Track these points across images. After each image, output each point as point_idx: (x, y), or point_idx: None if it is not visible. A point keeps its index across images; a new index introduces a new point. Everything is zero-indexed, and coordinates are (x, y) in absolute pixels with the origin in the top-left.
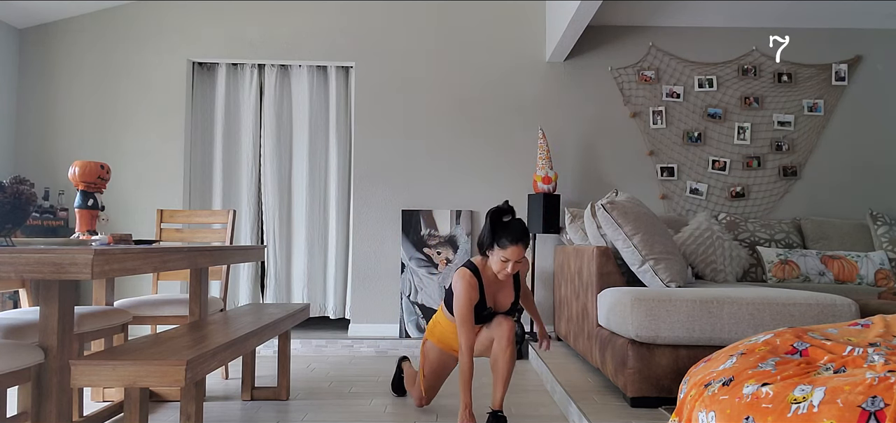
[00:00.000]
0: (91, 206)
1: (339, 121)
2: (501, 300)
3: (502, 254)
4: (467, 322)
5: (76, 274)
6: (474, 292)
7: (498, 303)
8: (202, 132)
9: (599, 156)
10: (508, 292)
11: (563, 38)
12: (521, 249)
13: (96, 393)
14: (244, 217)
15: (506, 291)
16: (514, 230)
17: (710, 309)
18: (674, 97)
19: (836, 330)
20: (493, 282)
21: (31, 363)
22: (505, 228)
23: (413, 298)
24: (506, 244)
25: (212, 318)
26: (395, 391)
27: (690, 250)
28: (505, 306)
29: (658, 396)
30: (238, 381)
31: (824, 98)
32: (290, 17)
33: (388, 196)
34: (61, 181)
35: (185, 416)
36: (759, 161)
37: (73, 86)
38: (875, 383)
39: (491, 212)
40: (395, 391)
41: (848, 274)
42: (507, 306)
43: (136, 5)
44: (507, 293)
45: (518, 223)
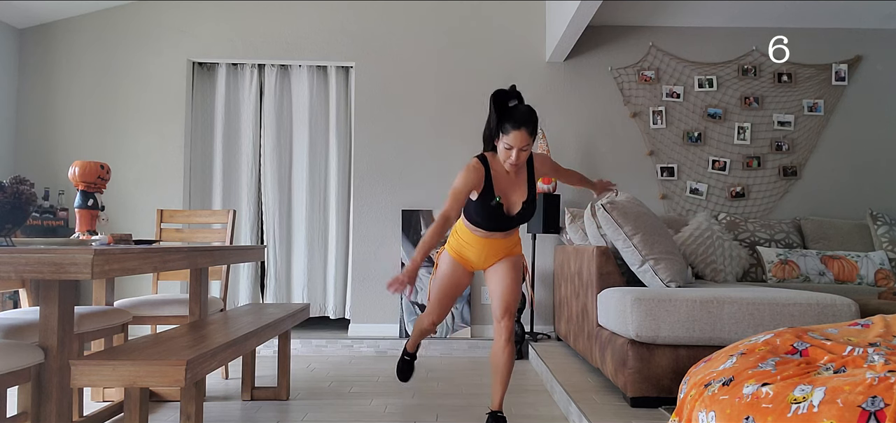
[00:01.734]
0: (91, 206)
1: (339, 121)
2: (513, 197)
3: (505, 140)
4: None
5: (76, 274)
6: (476, 176)
7: (509, 200)
8: (202, 132)
9: (599, 156)
10: (521, 189)
11: (563, 38)
12: (524, 134)
13: (96, 393)
14: (244, 217)
15: (518, 188)
16: (517, 114)
17: (710, 309)
18: (674, 97)
19: (836, 330)
20: (503, 176)
21: (31, 362)
22: (509, 113)
23: (413, 298)
24: (508, 129)
25: (212, 318)
26: (400, 376)
27: (690, 250)
28: (516, 203)
29: (658, 396)
30: (238, 381)
31: (824, 98)
32: (290, 17)
33: (388, 196)
34: (61, 181)
35: (185, 416)
36: (759, 161)
37: (73, 86)
38: (875, 383)
39: (494, 94)
40: (399, 376)
41: (848, 274)
42: (519, 205)
43: (136, 5)
44: (520, 191)
45: (524, 108)
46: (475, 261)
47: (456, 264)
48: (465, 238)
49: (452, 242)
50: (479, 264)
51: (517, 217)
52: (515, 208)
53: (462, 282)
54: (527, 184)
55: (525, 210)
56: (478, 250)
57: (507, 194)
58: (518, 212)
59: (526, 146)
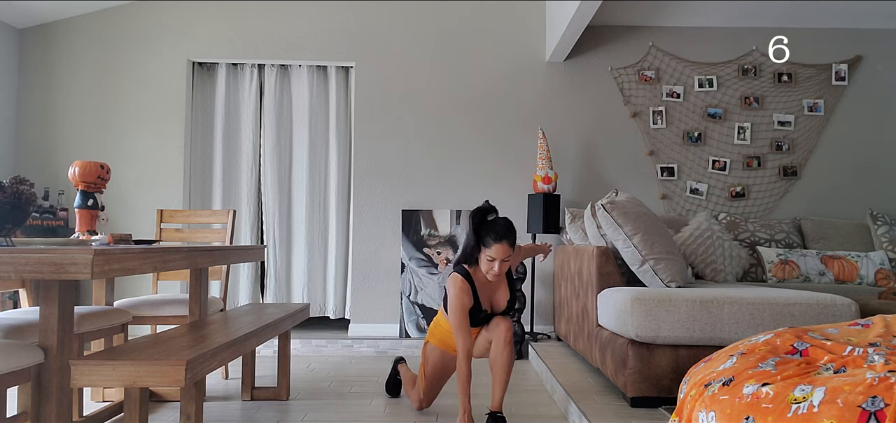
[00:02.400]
0: (91, 206)
1: (339, 121)
2: (497, 301)
3: (487, 253)
4: (463, 328)
5: (76, 274)
6: (467, 296)
7: (494, 304)
8: (202, 132)
9: (599, 156)
10: (503, 291)
11: (563, 39)
12: (506, 247)
13: (96, 393)
14: (244, 217)
15: (501, 291)
16: (497, 228)
17: (710, 309)
18: (674, 97)
19: (836, 330)
20: (486, 284)
21: (31, 363)
22: (488, 226)
23: (413, 298)
24: (490, 243)
25: (212, 318)
26: (389, 393)
27: (690, 250)
28: (501, 306)
29: (658, 396)
30: (238, 381)
31: (824, 98)
32: (290, 17)
33: (388, 196)
34: (61, 181)
35: (185, 416)
36: (759, 161)
37: (73, 86)
38: (875, 383)
39: (473, 213)
40: (388, 392)
41: (848, 274)
42: (504, 305)
43: (136, 5)
44: (503, 293)
45: (502, 221)
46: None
47: (444, 352)
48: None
49: (437, 333)
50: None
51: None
52: (500, 309)
53: (451, 366)
54: (508, 285)
55: (508, 307)
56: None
57: (492, 299)
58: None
59: (507, 258)
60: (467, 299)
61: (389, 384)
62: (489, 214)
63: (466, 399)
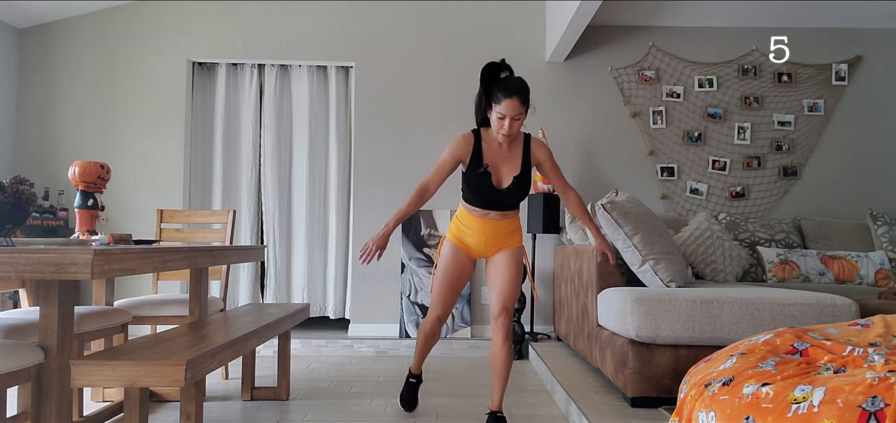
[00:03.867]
0: (91, 206)
1: (339, 121)
2: (503, 170)
3: (498, 110)
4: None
5: (76, 274)
6: (463, 149)
7: (499, 172)
8: (202, 132)
9: (599, 156)
10: (512, 164)
11: (563, 38)
12: (517, 102)
13: (96, 393)
14: (244, 217)
15: (509, 162)
16: (508, 83)
17: (710, 309)
18: (674, 97)
19: (836, 330)
20: (495, 150)
21: (31, 363)
22: (500, 83)
23: (413, 298)
24: (500, 98)
25: (212, 318)
26: (404, 405)
27: (690, 250)
28: (507, 177)
29: (658, 396)
30: (238, 381)
31: (824, 98)
32: (290, 17)
33: (388, 196)
34: (61, 181)
35: (185, 416)
36: (759, 161)
37: (73, 86)
38: (875, 383)
39: (485, 67)
40: (403, 404)
41: (848, 274)
42: (510, 179)
43: (136, 5)
44: (511, 166)
45: (515, 78)
46: (475, 246)
47: (457, 249)
48: (463, 221)
49: (452, 228)
50: (480, 249)
51: (508, 192)
52: (505, 182)
53: (465, 269)
54: (520, 161)
55: (516, 186)
56: (476, 232)
57: (498, 167)
58: (509, 186)
59: (518, 115)
60: (462, 145)
61: (405, 396)
62: (502, 70)
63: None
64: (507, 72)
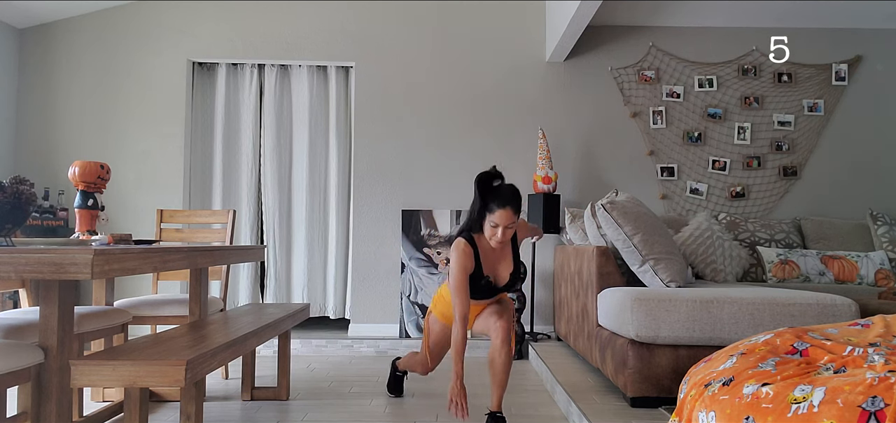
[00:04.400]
0: (91, 206)
1: (339, 121)
2: (500, 271)
3: (492, 219)
4: (461, 291)
5: (76, 274)
6: (469, 260)
7: (497, 274)
8: (202, 132)
9: (599, 156)
10: (507, 262)
11: (563, 38)
12: (510, 212)
13: (96, 393)
14: (244, 217)
15: (504, 261)
16: (502, 194)
17: (710, 309)
18: (674, 97)
19: (836, 330)
20: (490, 252)
21: (31, 363)
22: (494, 192)
23: (413, 298)
24: (494, 209)
25: (212, 318)
26: (393, 392)
27: (690, 250)
28: (504, 276)
29: (658, 396)
30: (238, 381)
31: (824, 98)
32: (290, 17)
33: (388, 196)
34: (61, 181)
35: (185, 416)
36: (759, 161)
37: (73, 86)
38: (875, 383)
39: (478, 178)
40: (391, 392)
41: (848, 274)
42: (506, 277)
43: (136, 5)
44: (506, 264)
45: (507, 187)
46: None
47: (445, 325)
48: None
49: (440, 306)
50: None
51: (506, 286)
52: (503, 280)
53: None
54: (512, 255)
55: (512, 279)
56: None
57: (495, 269)
58: (507, 283)
59: (511, 224)
60: (469, 262)
61: (391, 383)
62: (495, 179)
63: (460, 365)
64: (499, 179)
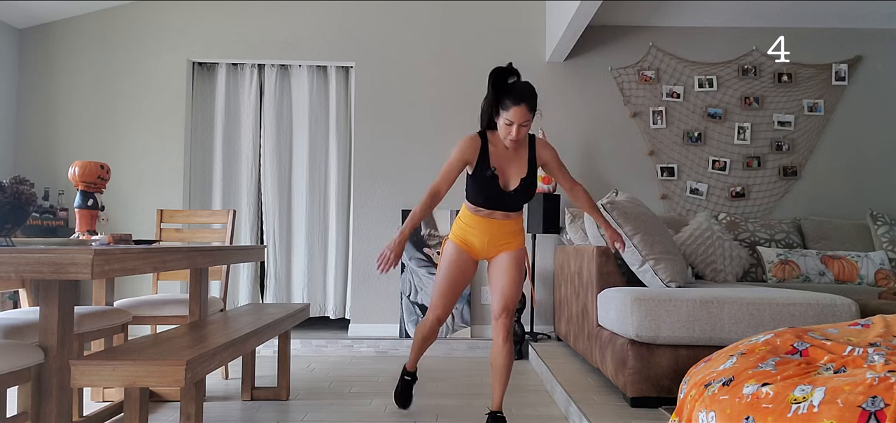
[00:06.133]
0: (91, 206)
1: (339, 121)
2: (510, 173)
3: (505, 116)
4: (445, 170)
5: (76, 274)
6: (470, 151)
7: (505, 175)
8: (202, 132)
9: (599, 156)
10: (519, 166)
11: (563, 38)
12: (524, 109)
13: (96, 393)
14: (244, 217)
15: (516, 165)
16: (517, 90)
17: (710, 309)
18: (674, 97)
19: (837, 330)
20: (502, 152)
21: (31, 363)
22: (508, 88)
23: (413, 298)
24: (508, 105)
25: (212, 318)
26: (399, 402)
27: (690, 250)
28: (513, 179)
29: (658, 396)
30: (238, 381)
31: (824, 98)
32: (290, 17)
33: (388, 196)
34: (61, 181)
35: (185, 416)
36: (759, 161)
37: (74, 86)
38: (875, 383)
39: (493, 72)
40: (398, 402)
41: (848, 274)
42: (517, 181)
43: (136, 5)
44: (518, 168)
45: (523, 83)
46: (478, 246)
47: (460, 250)
48: (467, 221)
49: (456, 228)
50: (483, 249)
51: (515, 194)
52: (512, 184)
53: (467, 270)
54: (527, 163)
55: (523, 187)
56: (480, 232)
57: (504, 169)
58: (516, 189)
59: (526, 122)
60: (469, 153)
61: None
62: (510, 76)
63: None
64: (515, 76)
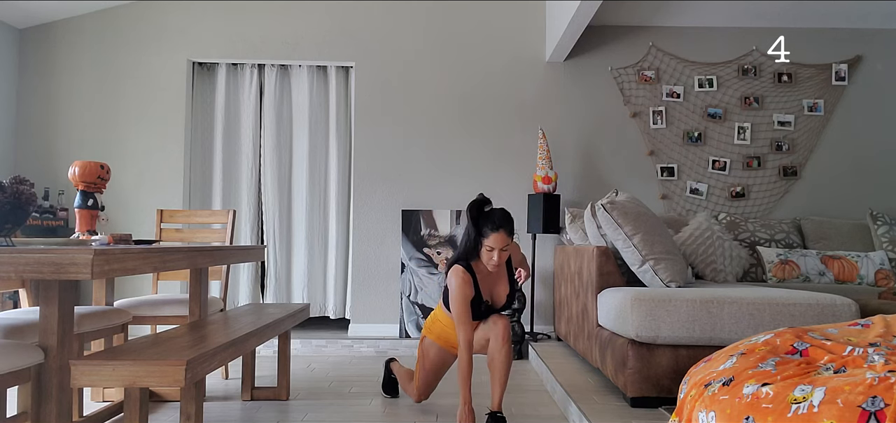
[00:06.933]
0: (91, 206)
1: (339, 121)
2: (497, 293)
3: (487, 243)
4: (464, 319)
5: (76, 274)
6: (469, 287)
7: (494, 296)
8: (202, 132)
9: (599, 156)
10: (503, 284)
11: (563, 38)
12: (503, 235)
13: (96, 393)
14: (244, 217)
15: (501, 284)
16: (494, 218)
17: (710, 309)
18: (674, 97)
19: (837, 330)
20: (487, 276)
21: (31, 363)
22: (486, 217)
23: (413, 298)
24: (488, 233)
25: (212, 318)
26: (387, 393)
27: (690, 250)
28: (501, 298)
29: (658, 396)
30: (238, 381)
31: (824, 98)
32: (290, 17)
33: (388, 196)
34: (61, 181)
35: (185, 416)
36: (759, 161)
37: (74, 86)
38: (875, 383)
39: (470, 206)
40: (386, 392)
41: (848, 274)
42: (504, 298)
43: (136, 5)
44: (503, 286)
45: (498, 211)
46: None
47: (441, 349)
48: (449, 326)
49: (436, 329)
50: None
51: (503, 307)
52: (500, 303)
53: (449, 361)
54: (508, 277)
55: (509, 299)
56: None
57: (492, 291)
58: (504, 304)
59: (506, 247)
60: (469, 289)
61: (386, 384)
62: (485, 205)
63: (467, 391)
64: (489, 205)
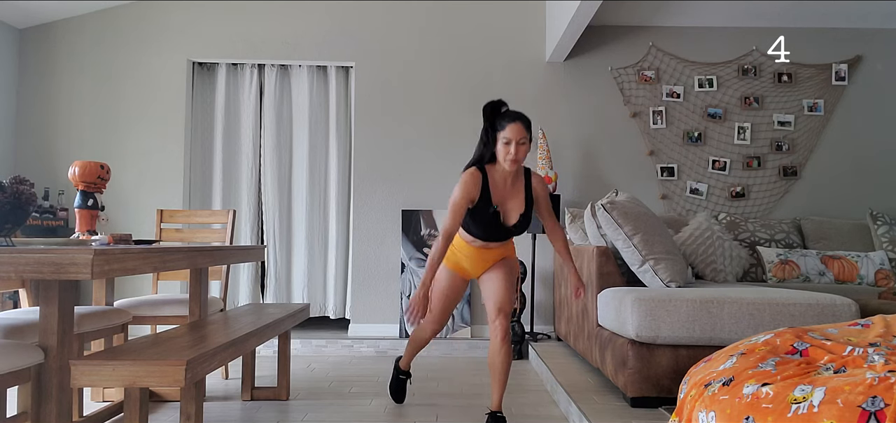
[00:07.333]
0: (91, 206)
1: (339, 121)
2: (509, 207)
3: (503, 135)
4: (455, 211)
5: (76, 274)
6: (475, 187)
7: (506, 210)
8: (202, 132)
9: (599, 156)
10: (518, 201)
11: (563, 38)
12: (520, 126)
13: (96, 393)
14: (244, 217)
15: (515, 198)
16: (510, 112)
17: (710, 309)
18: (674, 97)
19: (837, 330)
20: (501, 186)
21: (31, 363)
22: (502, 113)
23: None
24: (504, 124)
25: (212, 318)
26: (394, 396)
27: (690, 250)
28: (513, 214)
29: (658, 396)
30: (238, 381)
31: (824, 98)
32: (290, 17)
33: (388, 196)
34: (61, 181)
35: (185, 416)
36: (759, 161)
37: (74, 86)
38: (875, 383)
39: (486, 105)
40: (393, 395)
41: (848, 274)
42: (516, 215)
43: (136, 5)
44: (517, 202)
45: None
46: (471, 269)
47: (453, 274)
48: (461, 249)
49: (448, 253)
50: (475, 271)
51: (514, 228)
52: (512, 219)
53: (460, 290)
54: (524, 198)
55: (522, 221)
56: (473, 258)
57: (504, 204)
58: (514, 223)
59: (523, 140)
60: (474, 189)
61: (394, 387)
62: (501, 106)
63: (429, 277)
64: (505, 106)
